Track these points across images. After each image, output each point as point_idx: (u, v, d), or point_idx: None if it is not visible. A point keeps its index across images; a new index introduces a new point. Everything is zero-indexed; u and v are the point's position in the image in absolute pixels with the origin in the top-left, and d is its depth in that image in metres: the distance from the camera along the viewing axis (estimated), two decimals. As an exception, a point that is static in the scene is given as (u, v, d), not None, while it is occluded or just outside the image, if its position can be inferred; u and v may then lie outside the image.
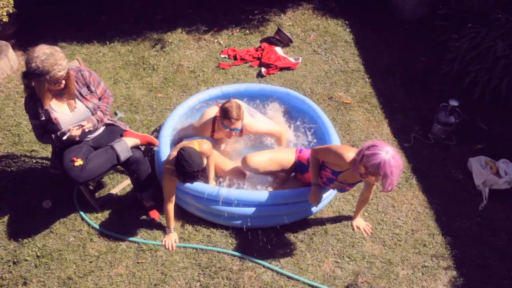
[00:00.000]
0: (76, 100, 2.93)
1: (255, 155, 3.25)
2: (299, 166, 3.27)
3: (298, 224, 3.36)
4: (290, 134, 3.81)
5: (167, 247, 3.13)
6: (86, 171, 2.87)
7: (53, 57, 2.63)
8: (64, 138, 2.85)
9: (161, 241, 3.18)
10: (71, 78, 2.83)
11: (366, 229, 3.26)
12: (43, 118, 2.82)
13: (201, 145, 3.05)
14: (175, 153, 2.93)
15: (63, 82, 2.76)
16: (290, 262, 3.15)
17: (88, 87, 2.97)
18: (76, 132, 2.87)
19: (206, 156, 3.09)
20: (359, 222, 3.29)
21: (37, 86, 2.71)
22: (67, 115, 2.90)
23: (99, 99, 3.06)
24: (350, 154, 2.76)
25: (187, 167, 2.76)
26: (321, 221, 3.39)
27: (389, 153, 2.53)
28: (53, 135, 2.90)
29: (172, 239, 3.14)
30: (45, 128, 2.91)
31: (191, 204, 3.32)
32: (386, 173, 2.52)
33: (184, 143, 3.13)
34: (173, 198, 3.09)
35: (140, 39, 5.07)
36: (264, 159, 3.23)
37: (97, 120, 3.02)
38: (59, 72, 2.66)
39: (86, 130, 2.94)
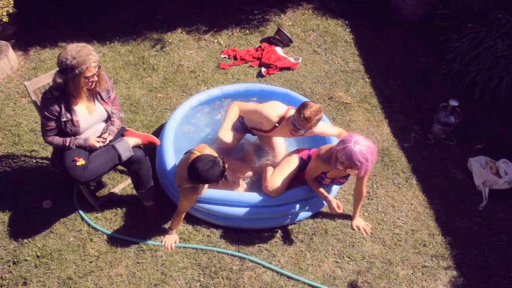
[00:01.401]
0: (96, 103, 2.97)
1: (274, 188, 3.18)
2: (302, 165, 3.29)
3: (298, 224, 3.36)
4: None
5: (166, 247, 3.13)
6: (88, 171, 2.88)
7: (86, 48, 2.71)
8: (80, 145, 2.94)
9: (161, 241, 3.18)
10: (101, 75, 2.88)
11: (366, 229, 3.27)
12: (64, 119, 2.84)
13: (203, 151, 2.96)
14: (183, 173, 2.87)
15: (96, 77, 2.80)
16: (290, 262, 3.15)
17: (108, 91, 3.02)
18: (99, 145, 2.96)
19: None
20: (359, 222, 3.30)
21: (72, 83, 2.74)
22: (86, 118, 2.94)
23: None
24: (323, 154, 2.97)
25: (211, 174, 2.71)
26: (321, 221, 3.39)
27: (358, 143, 2.69)
28: (68, 140, 2.91)
29: (172, 240, 3.14)
30: (60, 130, 2.92)
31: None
32: (360, 161, 2.70)
33: (186, 159, 2.99)
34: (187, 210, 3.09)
35: (140, 39, 5.07)
36: (282, 185, 3.20)
37: (117, 129, 3.09)
38: (93, 62, 2.71)
39: (108, 141, 3.01)
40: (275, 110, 3.29)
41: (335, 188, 3.49)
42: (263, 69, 4.69)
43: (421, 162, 3.88)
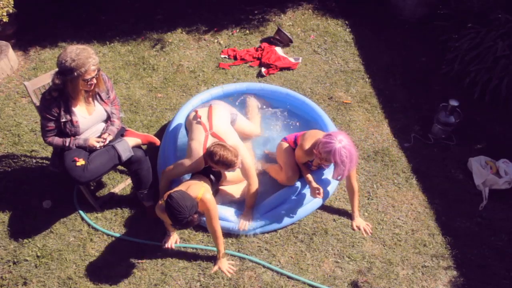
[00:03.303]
0: (96, 103, 2.97)
1: (289, 177, 3.32)
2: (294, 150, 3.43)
3: (298, 224, 3.36)
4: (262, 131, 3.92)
5: (166, 247, 3.13)
6: (88, 171, 2.88)
7: (86, 51, 2.70)
8: (80, 145, 2.94)
9: (161, 242, 3.18)
10: (101, 77, 2.88)
11: (366, 229, 3.30)
12: (63, 120, 2.83)
13: (205, 193, 2.85)
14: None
15: (95, 80, 2.79)
16: (290, 262, 3.15)
17: (107, 92, 3.01)
18: (99, 145, 2.96)
19: (205, 207, 2.87)
20: (359, 221, 3.34)
21: (71, 85, 2.74)
22: (86, 118, 2.93)
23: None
24: (306, 144, 3.09)
25: (178, 215, 2.60)
26: (321, 221, 3.39)
27: (342, 143, 2.79)
28: (67, 140, 2.91)
29: (172, 240, 3.15)
30: (60, 131, 2.91)
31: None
32: (336, 161, 2.82)
33: (190, 183, 2.95)
34: None
35: (140, 39, 5.07)
36: (293, 172, 3.34)
37: (117, 129, 3.10)
38: (93, 65, 2.71)
39: (107, 142, 3.01)
40: (193, 154, 3.11)
41: (334, 185, 3.51)
42: (263, 69, 4.69)
43: (421, 162, 3.88)
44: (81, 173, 2.87)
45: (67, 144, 2.91)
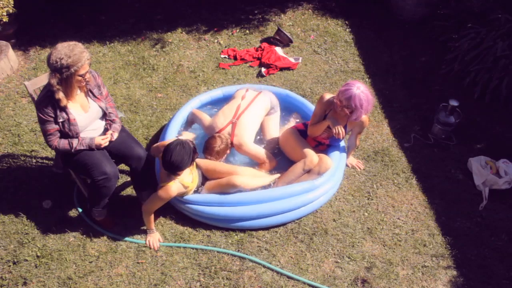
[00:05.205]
0: (89, 100, 2.96)
1: (314, 162, 3.40)
2: (301, 133, 3.56)
3: (298, 224, 3.37)
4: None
5: (151, 247, 3.14)
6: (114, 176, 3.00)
7: (78, 46, 2.71)
8: (87, 144, 2.96)
9: (145, 241, 3.19)
10: (89, 73, 2.88)
11: (358, 166, 3.65)
12: (60, 120, 2.82)
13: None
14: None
15: (88, 74, 2.81)
16: (290, 262, 3.15)
17: (99, 87, 3.01)
18: (105, 142, 3.00)
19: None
20: (352, 159, 3.75)
21: (65, 81, 2.73)
22: (82, 115, 2.92)
23: None
24: (326, 96, 3.27)
25: (185, 157, 2.82)
26: (321, 221, 3.39)
27: (360, 89, 3.02)
28: (74, 142, 2.90)
29: (155, 238, 3.15)
30: (62, 132, 2.90)
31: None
32: (356, 105, 3.03)
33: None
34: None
35: (140, 39, 5.07)
36: (314, 153, 3.47)
37: (119, 127, 3.14)
38: (87, 59, 2.73)
39: (114, 138, 3.07)
40: (210, 127, 3.60)
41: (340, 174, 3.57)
42: (263, 69, 4.69)
43: (421, 162, 3.88)
44: (114, 183, 3.00)
45: (74, 145, 2.89)
